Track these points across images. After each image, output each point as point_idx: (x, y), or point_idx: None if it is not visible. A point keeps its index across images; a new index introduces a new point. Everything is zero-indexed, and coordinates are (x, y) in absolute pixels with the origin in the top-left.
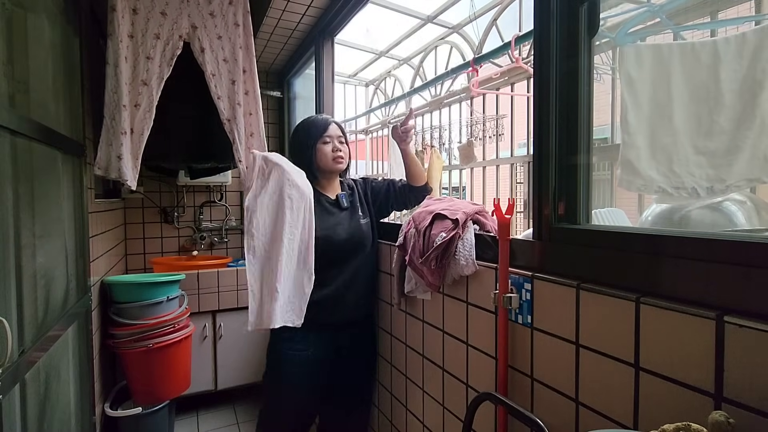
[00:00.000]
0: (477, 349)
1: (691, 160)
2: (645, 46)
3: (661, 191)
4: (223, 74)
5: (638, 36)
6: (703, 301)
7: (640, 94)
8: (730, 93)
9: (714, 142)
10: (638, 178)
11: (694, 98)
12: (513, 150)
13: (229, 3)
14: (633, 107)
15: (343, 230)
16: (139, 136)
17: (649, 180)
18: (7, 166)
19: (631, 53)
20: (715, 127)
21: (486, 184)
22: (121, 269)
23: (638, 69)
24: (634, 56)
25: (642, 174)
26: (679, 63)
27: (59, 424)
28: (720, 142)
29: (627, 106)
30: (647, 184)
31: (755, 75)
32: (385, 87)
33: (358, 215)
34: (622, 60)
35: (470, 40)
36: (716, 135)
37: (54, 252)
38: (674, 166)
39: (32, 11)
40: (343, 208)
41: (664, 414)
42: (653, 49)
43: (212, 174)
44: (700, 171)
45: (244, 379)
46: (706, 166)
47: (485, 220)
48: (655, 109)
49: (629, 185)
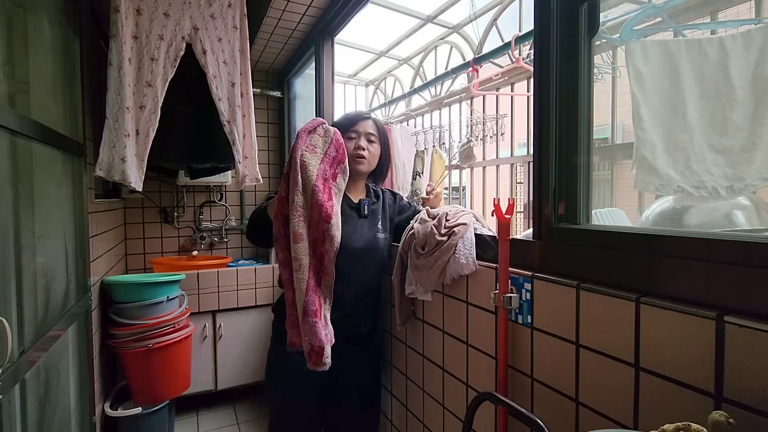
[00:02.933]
0: (477, 349)
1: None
2: (651, 42)
3: (681, 191)
4: (223, 76)
5: (642, 33)
6: (703, 301)
7: (650, 89)
8: (741, 90)
9: (729, 139)
10: (656, 177)
11: (705, 94)
12: (513, 150)
13: (228, 6)
14: (644, 102)
15: (359, 239)
16: (144, 138)
17: (667, 179)
18: (7, 166)
19: (637, 48)
20: (729, 124)
21: (486, 184)
22: (121, 269)
23: (646, 64)
24: (641, 51)
25: (660, 172)
26: (687, 59)
27: (59, 424)
28: (735, 139)
29: (638, 101)
30: (665, 184)
31: (765, 72)
32: (385, 87)
33: (377, 228)
34: (630, 55)
35: (470, 40)
36: (731, 132)
37: (54, 252)
38: (692, 163)
39: (32, 11)
40: (363, 216)
41: (664, 414)
42: (660, 44)
43: (212, 174)
44: (718, 169)
45: (244, 379)
46: (723, 164)
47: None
48: (667, 105)
49: (646, 185)
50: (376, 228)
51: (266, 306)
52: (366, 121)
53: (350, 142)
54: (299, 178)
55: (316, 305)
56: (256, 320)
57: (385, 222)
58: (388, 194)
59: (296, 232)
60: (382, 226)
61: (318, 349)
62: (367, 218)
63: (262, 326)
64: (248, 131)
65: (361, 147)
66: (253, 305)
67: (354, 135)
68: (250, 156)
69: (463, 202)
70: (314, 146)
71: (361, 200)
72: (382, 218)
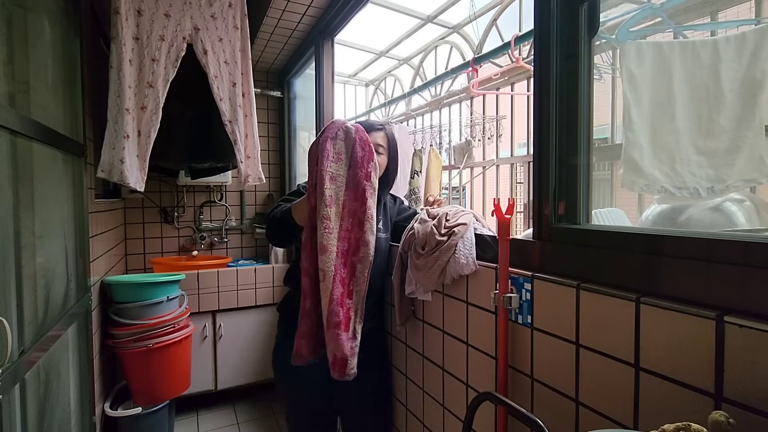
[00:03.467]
0: (477, 349)
1: (693, 159)
2: (646, 44)
3: (663, 191)
4: (224, 76)
5: (639, 34)
6: (703, 301)
7: (642, 92)
8: (730, 93)
9: (714, 141)
10: (641, 178)
11: (694, 97)
12: (513, 150)
13: (228, 6)
14: (635, 104)
15: None
16: (146, 138)
17: (652, 180)
18: (7, 166)
19: (632, 50)
20: (715, 127)
21: (486, 184)
22: (121, 269)
23: (639, 66)
24: (636, 53)
25: (645, 173)
26: (680, 61)
27: (59, 423)
28: (720, 141)
29: (629, 104)
30: (650, 184)
31: (755, 75)
32: (385, 87)
33: (378, 227)
34: (624, 57)
35: (470, 40)
36: (716, 135)
37: (54, 252)
38: (676, 165)
39: (32, 11)
40: None
41: (664, 414)
42: (654, 46)
43: (212, 174)
44: (701, 171)
45: (244, 379)
46: (706, 166)
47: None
48: (657, 107)
49: (632, 185)
50: (377, 227)
51: (266, 306)
52: (377, 132)
53: None
54: (326, 189)
55: (341, 317)
56: (256, 320)
57: (386, 222)
58: (389, 197)
59: (322, 244)
60: (383, 226)
61: (341, 361)
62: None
63: (262, 326)
64: (250, 131)
65: None
66: (253, 305)
67: None
68: (252, 155)
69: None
70: (339, 153)
71: None
72: (383, 219)
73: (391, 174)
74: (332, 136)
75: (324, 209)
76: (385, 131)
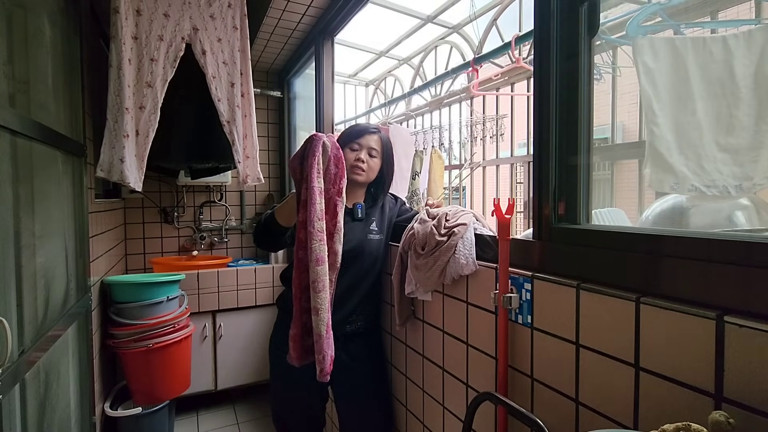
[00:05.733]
0: (477, 349)
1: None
2: (659, 39)
3: (694, 189)
4: (223, 77)
5: (650, 29)
6: (703, 301)
7: (660, 86)
8: (745, 88)
9: (736, 138)
10: (671, 176)
11: (710, 93)
12: (513, 150)
13: (228, 6)
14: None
15: (348, 241)
16: (144, 138)
17: (682, 177)
18: (7, 166)
19: (645, 44)
20: (735, 123)
21: (486, 184)
22: (121, 269)
23: (655, 60)
24: (650, 47)
25: (675, 170)
26: (693, 56)
27: (59, 423)
28: (742, 138)
29: (650, 96)
30: (680, 182)
31: (766, 72)
32: (385, 87)
33: (370, 228)
34: (638, 51)
35: (470, 40)
36: (737, 131)
37: (54, 252)
38: (703, 162)
39: (32, 11)
40: (356, 219)
41: (664, 414)
42: (667, 41)
43: (213, 174)
44: (726, 168)
45: (244, 379)
46: (731, 163)
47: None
48: (677, 101)
49: (661, 185)
50: (368, 229)
51: (266, 306)
52: (371, 136)
53: (352, 153)
54: (317, 204)
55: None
56: (256, 320)
57: (381, 223)
58: (389, 198)
59: (320, 255)
60: (377, 227)
61: (331, 360)
62: (361, 221)
63: (262, 326)
64: (249, 131)
65: (361, 159)
66: (253, 305)
67: (357, 147)
68: (251, 156)
69: (463, 202)
70: (320, 169)
71: (355, 204)
72: (379, 219)
73: (386, 177)
74: (318, 152)
75: (318, 223)
76: (379, 134)
